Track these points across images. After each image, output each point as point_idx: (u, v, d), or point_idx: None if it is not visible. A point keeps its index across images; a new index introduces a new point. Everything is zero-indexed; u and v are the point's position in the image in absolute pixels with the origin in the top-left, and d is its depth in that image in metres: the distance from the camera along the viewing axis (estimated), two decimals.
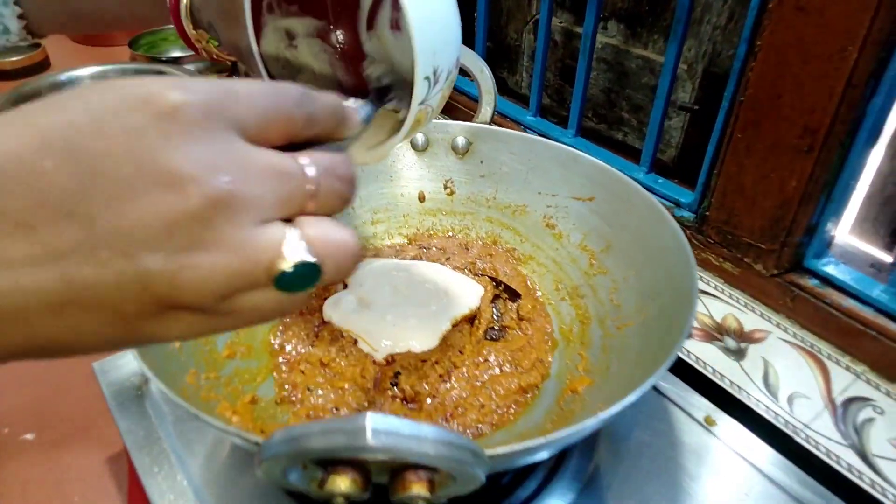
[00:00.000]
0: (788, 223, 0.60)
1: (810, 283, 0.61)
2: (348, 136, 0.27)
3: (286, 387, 0.47)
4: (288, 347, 0.50)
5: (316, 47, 0.41)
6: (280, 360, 0.49)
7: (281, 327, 0.52)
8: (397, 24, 0.40)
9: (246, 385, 0.46)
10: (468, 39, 0.61)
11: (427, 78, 0.34)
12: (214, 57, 0.49)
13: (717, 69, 0.74)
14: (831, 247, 0.62)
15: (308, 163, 0.23)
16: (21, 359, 0.21)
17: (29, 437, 0.63)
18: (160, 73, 0.97)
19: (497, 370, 0.49)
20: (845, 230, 0.65)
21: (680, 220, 0.69)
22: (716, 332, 0.64)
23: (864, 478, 0.54)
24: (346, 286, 0.56)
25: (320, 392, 0.47)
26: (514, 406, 0.46)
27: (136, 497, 0.54)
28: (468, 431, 0.44)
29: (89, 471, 0.60)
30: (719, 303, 0.66)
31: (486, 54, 0.94)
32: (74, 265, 0.20)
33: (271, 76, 0.41)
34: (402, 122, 0.37)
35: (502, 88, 0.90)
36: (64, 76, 0.96)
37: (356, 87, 0.43)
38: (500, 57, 1.01)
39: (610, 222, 0.54)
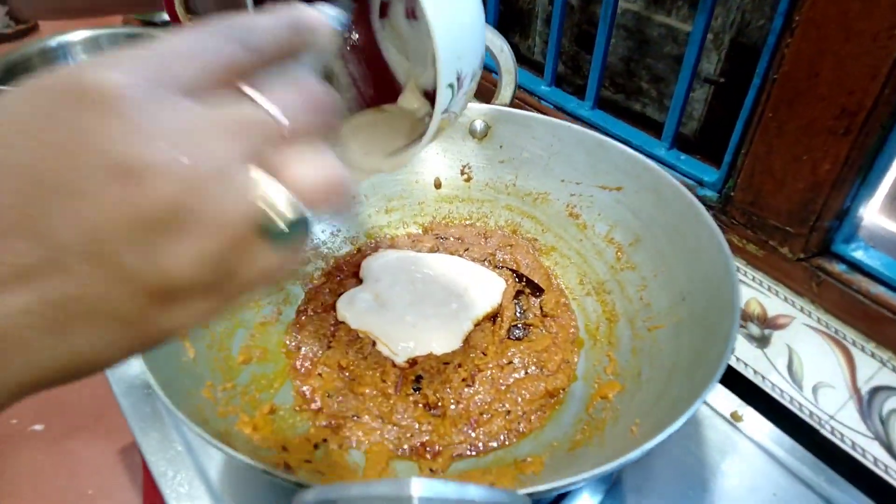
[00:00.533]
0: (819, 207, 0.58)
1: (838, 268, 0.59)
2: (323, 46, 0.24)
3: (304, 392, 0.45)
4: (304, 349, 0.48)
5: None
6: (296, 363, 0.47)
7: (297, 326, 0.50)
8: (413, 13, 0.37)
9: (263, 393, 0.44)
10: None
11: (451, 85, 0.31)
12: None
13: (746, 40, 0.71)
14: (860, 229, 0.60)
15: (266, 101, 0.21)
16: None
17: (38, 427, 0.61)
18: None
19: (522, 373, 0.47)
20: (874, 210, 0.63)
21: (703, 200, 0.67)
22: (740, 319, 0.63)
23: (890, 472, 0.53)
24: (360, 281, 0.53)
25: (340, 398, 0.45)
26: (540, 411, 0.45)
27: (151, 495, 0.53)
28: (494, 441, 0.43)
29: (102, 462, 0.59)
30: (742, 286, 0.64)
31: (498, 18, 0.90)
32: (48, 282, 0.18)
33: None
34: (420, 123, 0.34)
35: (514, 54, 0.86)
36: (54, 41, 0.91)
37: (373, 80, 0.40)
38: (512, 21, 0.96)
39: (639, 215, 0.51)
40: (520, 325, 0.51)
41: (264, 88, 0.21)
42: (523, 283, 0.54)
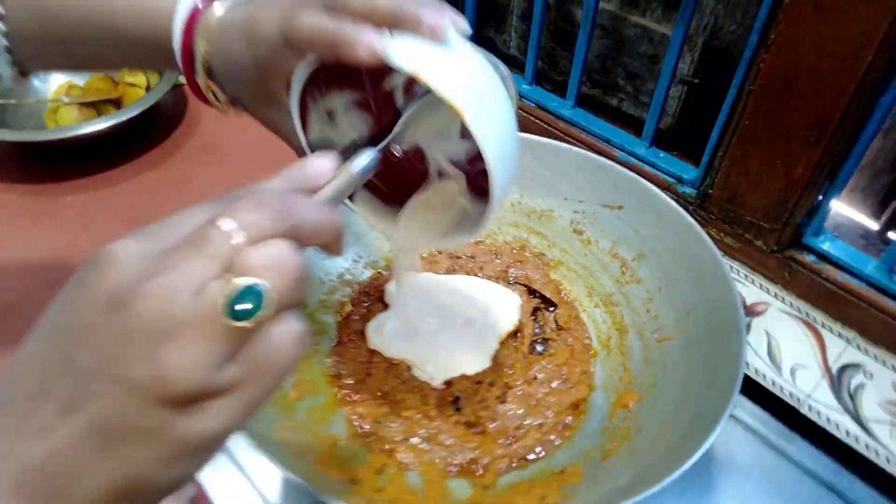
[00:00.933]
0: (792, 205, 0.64)
1: (808, 258, 0.66)
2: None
3: (354, 420, 0.50)
4: (345, 379, 0.52)
5: (355, 118, 0.41)
6: (340, 392, 0.51)
7: (335, 356, 0.54)
8: (409, 89, 0.40)
9: (320, 426, 0.48)
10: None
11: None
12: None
13: (718, 43, 0.76)
14: (827, 222, 0.66)
15: (224, 221, 0.24)
16: None
17: None
18: None
19: (548, 387, 0.52)
20: (839, 203, 0.70)
21: (682, 196, 0.73)
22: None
23: (860, 441, 0.61)
24: (386, 305, 0.57)
25: (389, 424, 0.49)
26: (568, 421, 0.51)
27: None
28: (531, 454, 0.49)
29: None
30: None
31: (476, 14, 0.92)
32: (87, 407, 0.23)
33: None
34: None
35: (490, 49, 0.89)
36: None
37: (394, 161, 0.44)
38: (488, 16, 0.98)
39: (640, 232, 0.57)
40: (539, 340, 0.56)
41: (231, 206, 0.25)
42: (537, 299, 0.59)
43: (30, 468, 0.23)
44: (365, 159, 0.32)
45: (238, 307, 0.23)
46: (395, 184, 0.42)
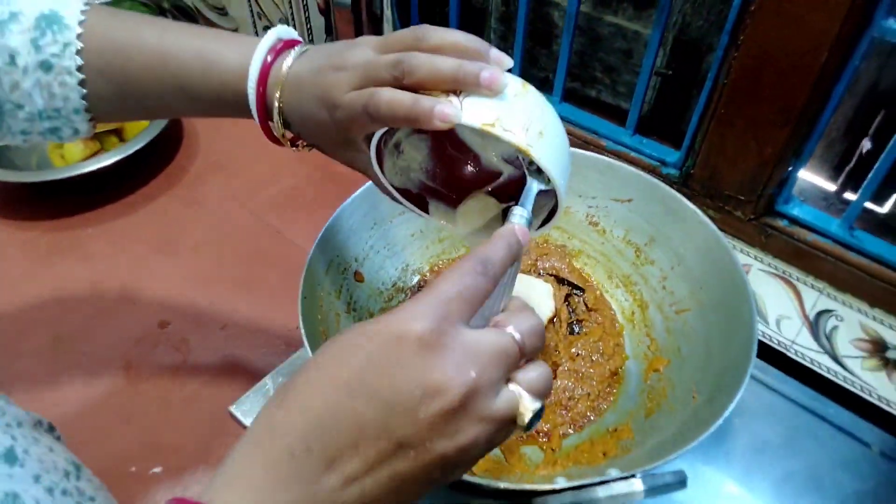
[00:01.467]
0: (765, 180, 0.74)
1: (781, 223, 0.76)
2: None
3: None
4: None
5: (416, 141, 0.49)
6: None
7: None
8: None
9: None
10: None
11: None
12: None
13: (687, 37, 0.85)
14: (794, 189, 0.77)
15: (514, 331, 0.32)
16: None
17: (157, 470, 0.70)
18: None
19: (589, 361, 0.62)
20: (805, 172, 0.81)
21: (666, 177, 0.82)
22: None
23: (838, 376, 0.73)
24: None
25: None
26: (609, 388, 0.60)
27: None
28: (584, 418, 0.58)
29: None
30: None
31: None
32: (392, 463, 0.29)
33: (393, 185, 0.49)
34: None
35: None
36: None
37: (453, 165, 0.52)
38: (468, 19, 1.05)
39: (649, 220, 0.66)
40: (575, 322, 0.65)
41: (510, 319, 0.32)
42: (566, 286, 0.68)
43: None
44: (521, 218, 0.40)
45: (530, 420, 0.31)
46: (456, 186, 0.50)
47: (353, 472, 0.28)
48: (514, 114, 0.39)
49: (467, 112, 0.38)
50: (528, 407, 0.31)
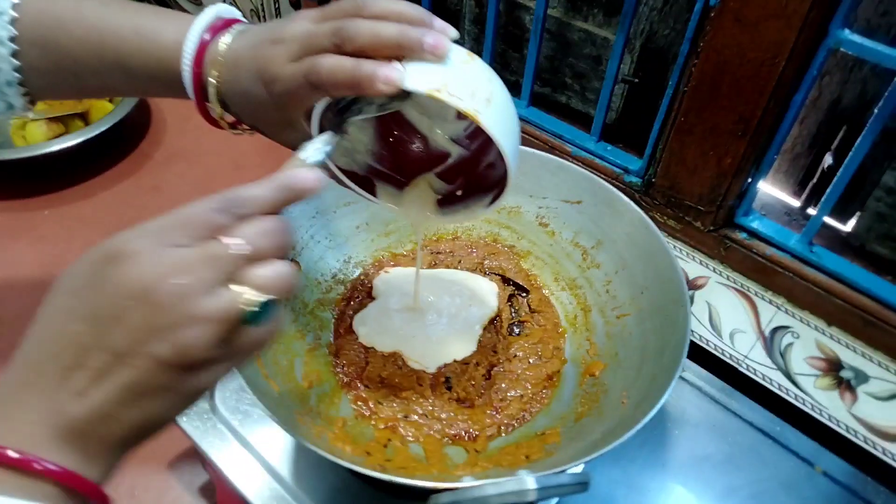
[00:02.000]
0: (724, 190, 0.73)
1: (740, 236, 0.75)
2: (309, 196, 0.35)
3: (359, 403, 0.56)
4: (347, 366, 0.58)
5: (361, 122, 0.47)
6: (344, 379, 0.58)
7: (335, 348, 0.60)
8: None
9: (331, 409, 0.54)
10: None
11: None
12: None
13: (654, 45, 0.84)
14: (755, 202, 0.76)
15: (228, 238, 0.31)
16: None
17: None
18: None
19: (526, 363, 0.60)
20: (765, 185, 0.79)
21: (628, 185, 0.81)
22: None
23: (789, 393, 0.71)
24: (373, 298, 0.64)
25: (389, 403, 0.56)
26: (544, 391, 0.58)
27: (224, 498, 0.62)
28: (515, 421, 0.56)
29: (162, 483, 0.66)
30: None
31: None
32: (117, 375, 0.30)
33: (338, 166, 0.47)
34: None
35: None
36: None
37: (400, 147, 0.50)
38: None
39: (598, 223, 0.64)
40: (516, 323, 0.63)
41: (230, 229, 0.32)
42: (511, 286, 0.66)
43: (71, 420, 0.30)
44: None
45: (252, 313, 0.31)
46: (404, 169, 0.49)
47: (81, 387, 0.30)
48: (460, 80, 0.38)
49: (412, 77, 0.37)
50: (250, 300, 0.31)
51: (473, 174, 0.50)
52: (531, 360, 0.60)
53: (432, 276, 0.65)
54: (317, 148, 0.37)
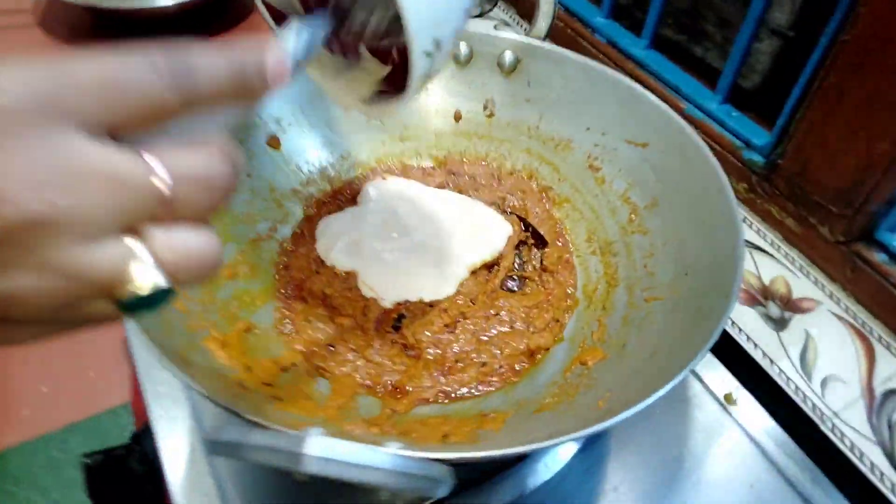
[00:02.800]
0: (868, 189, 0.53)
1: (877, 257, 0.55)
2: (267, 95, 0.22)
3: (284, 315, 0.45)
4: (292, 271, 0.48)
5: None
6: (282, 284, 0.47)
7: (289, 247, 0.49)
8: None
9: (243, 310, 0.44)
10: None
11: (428, 54, 0.28)
12: None
13: None
14: None
15: (159, 165, 0.20)
16: None
17: None
18: None
19: (507, 327, 0.46)
20: None
21: (748, 164, 0.63)
22: (760, 295, 0.59)
23: (885, 480, 0.50)
24: (356, 203, 0.52)
25: (319, 325, 0.45)
26: (518, 366, 0.44)
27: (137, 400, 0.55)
28: (462, 389, 0.42)
29: (105, 348, 0.61)
30: (771, 262, 0.60)
31: None
32: None
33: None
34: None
35: None
36: None
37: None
38: None
39: (661, 176, 0.48)
40: (515, 277, 0.49)
41: (164, 146, 0.20)
42: (528, 233, 0.51)
43: None
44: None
45: (134, 298, 0.20)
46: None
47: None
48: None
49: None
50: (140, 275, 0.20)
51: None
52: (516, 325, 0.46)
53: (433, 196, 0.52)
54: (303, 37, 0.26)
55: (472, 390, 0.42)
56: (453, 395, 0.42)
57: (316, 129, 0.53)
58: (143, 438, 0.48)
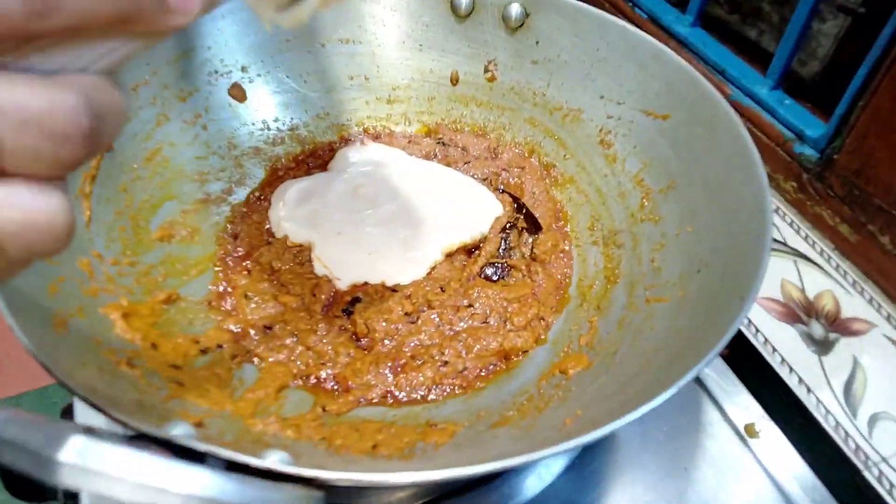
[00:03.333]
0: None
1: None
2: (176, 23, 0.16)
3: (222, 288, 0.39)
4: (239, 239, 0.41)
5: None
6: (226, 253, 0.41)
7: (242, 212, 0.43)
8: None
9: (171, 278, 0.38)
10: None
11: None
12: None
13: None
14: None
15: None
16: None
17: None
18: None
19: (479, 321, 0.38)
20: None
21: (799, 159, 0.53)
22: (802, 311, 0.50)
23: None
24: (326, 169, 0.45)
25: (260, 302, 0.38)
26: (484, 372, 0.36)
27: None
28: (412, 393, 0.35)
29: None
30: (819, 274, 0.51)
31: None
32: None
33: None
34: None
35: None
36: None
37: None
38: None
39: (681, 154, 0.39)
40: (498, 265, 0.41)
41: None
42: (521, 216, 0.44)
43: None
44: None
45: None
46: None
47: None
48: None
49: None
50: None
51: None
52: (490, 321, 0.38)
53: (416, 167, 0.45)
54: None
55: (426, 393, 0.35)
56: (402, 397, 0.35)
57: (287, 82, 0.46)
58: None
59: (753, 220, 0.32)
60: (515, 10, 0.46)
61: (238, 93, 0.45)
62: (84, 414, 0.40)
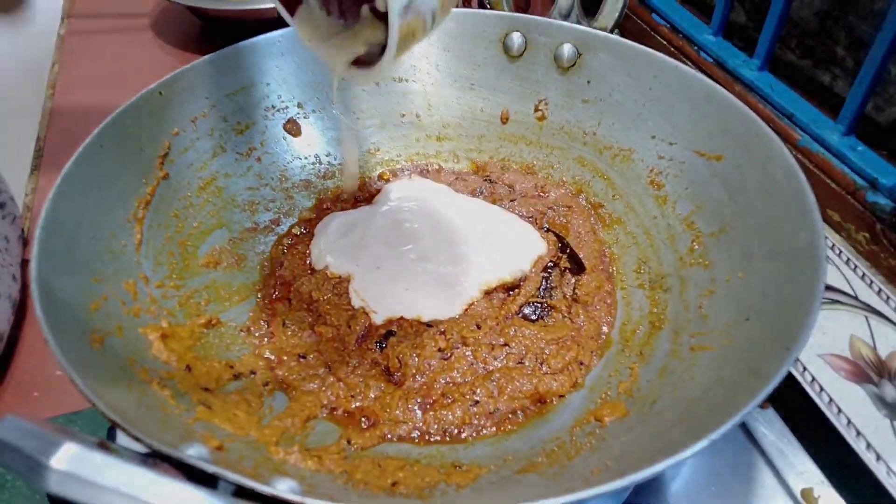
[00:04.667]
0: None
1: None
2: None
3: (262, 316, 0.39)
4: (283, 270, 0.42)
5: None
6: (270, 282, 0.41)
7: (287, 243, 0.44)
8: None
9: (214, 303, 0.39)
10: None
11: (405, 7, 0.21)
12: None
13: None
14: None
15: None
16: None
17: None
18: None
19: (514, 362, 0.37)
20: None
21: (872, 208, 0.50)
22: (872, 371, 0.46)
23: None
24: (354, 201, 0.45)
25: (295, 329, 0.38)
26: (518, 413, 0.35)
27: None
28: (441, 433, 0.34)
29: None
30: (893, 331, 0.47)
31: None
32: None
33: None
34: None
35: None
36: None
37: None
38: None
39: (734, 197, 0.38)
40: (538, 304, 0.40)
41: None
42: (565, 255, 0.43)
43: None
44: None
45: None
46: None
47: None
48: None
49: None
50: None
51: None
52: (526, 362, 0.37)
53: (461, 204, 0.45)
54: None
55: (455, 433, 0.34)
56: (428, 435, 0.34)
57: (343, 119, 0.48)
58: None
59: (807, 267, 0.30)
60: (568, 50, 0.45)
61: (293, 128, 0.46)
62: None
